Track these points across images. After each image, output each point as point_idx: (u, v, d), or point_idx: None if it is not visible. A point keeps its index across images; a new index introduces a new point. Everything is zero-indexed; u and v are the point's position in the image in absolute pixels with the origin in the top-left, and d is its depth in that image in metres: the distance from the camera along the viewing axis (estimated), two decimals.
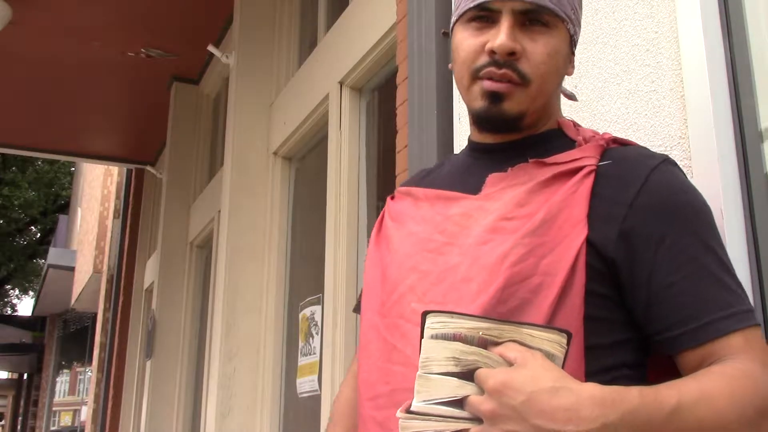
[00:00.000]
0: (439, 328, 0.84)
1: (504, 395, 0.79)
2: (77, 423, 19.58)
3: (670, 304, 0.91)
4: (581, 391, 0.80)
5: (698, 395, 0.83)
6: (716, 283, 0.91)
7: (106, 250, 9.11)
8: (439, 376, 0.82)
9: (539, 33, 1.01)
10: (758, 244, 1.18)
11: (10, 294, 23.70)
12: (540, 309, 0.90)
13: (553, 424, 0.78)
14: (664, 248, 0.91)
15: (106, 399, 7.63)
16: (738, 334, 0.88)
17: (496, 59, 1.00)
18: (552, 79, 1.04)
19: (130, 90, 6.42)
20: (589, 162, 0.97)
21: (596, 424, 0.78)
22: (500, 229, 0.96)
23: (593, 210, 0.93)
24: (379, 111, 3.46)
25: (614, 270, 0.93)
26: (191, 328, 5.90)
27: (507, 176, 1.01)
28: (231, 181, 4.29)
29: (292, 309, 3.98)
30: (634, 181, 0.95)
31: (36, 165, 19.15)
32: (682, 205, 0.94)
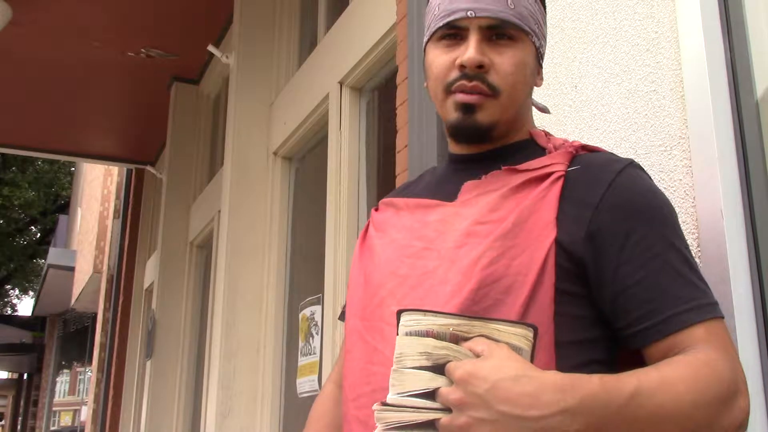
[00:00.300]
0: (412, 326, 0.88)
1: (470, 384, 0.84)
2: (77, 423, 19.58)
3: (635, 300, 0.95)
4: (542, 378, 0.84)
5: (658, 381, 0.87)
6: (679, 279, 0.95)
7: (106, 250, 9.12)
8: (412, 370, 0.87)
9: (505, 46, 1.08)
10: (758, 244, 1.18)
11: (10, 294, 23.71)
12: (512, 308, 0.94)
13: (517, 410, 0.82)
14: (629, 246, 0.96)
15: (106, 399, 7.63)
16: (700, 326, 0.93)
17: (466, 72, 1.06)
18: (520, 89, 1.10)
19: (130, 90, 6.42)
20: (559, 168, 1.03)
21: (556, 408, 0.82)
22: (474, 233, 1.01)
23: (562, 212, 0.98)
24: (379, 111, 3.46)
25: (583, 269, 0.97)
26: (191, 328, 5.90)
27: (481, 183, 1.07)
28: (231, 181, 4.29)
29: (292, 309, 3.98)
30: (600, 183, 1.00)
31: (36, 165, 19.15)
32: (647, 206, 0.99)
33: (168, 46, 5.57)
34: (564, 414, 0.82)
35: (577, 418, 0.83)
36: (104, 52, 5.56)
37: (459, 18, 1.07)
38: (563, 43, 1.68)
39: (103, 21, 5.13)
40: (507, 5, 1.07)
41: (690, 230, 1.27)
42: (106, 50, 5.54)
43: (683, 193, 1.30)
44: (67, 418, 22.28)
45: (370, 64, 3.29)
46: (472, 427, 0.83)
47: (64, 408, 22.19)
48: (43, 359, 18.15)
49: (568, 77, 1.64)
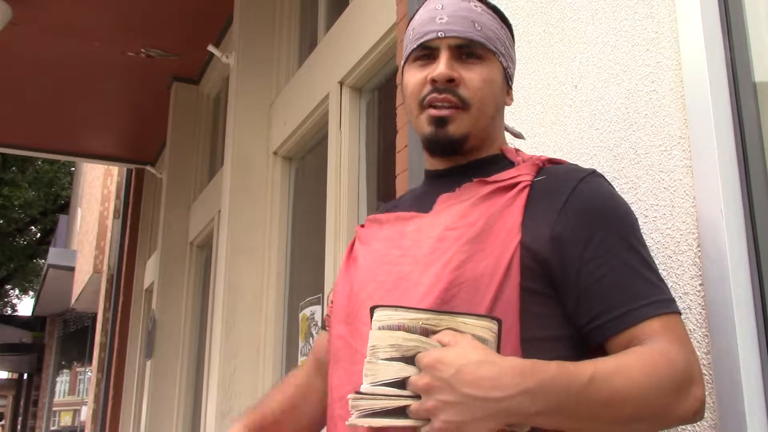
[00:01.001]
0: (384, 320, 0.95)
1: (436, 369, 0.90)
2: (77, 423, 19.58)
3: (595, 297, 1.02)
4: (503, 363, 0.90)
5: (614, 368, 0.93)
6: (638, 277, 1.02)
7: (106, 250, 9.12)
8: (384, 361, 0.93)
9: (474, 64, 1.17)
10: (758, 244, 1.18)
11: (10, 294, 23.71)
12: (480, 306, 1.01)
13: (480, 392, 0.88)
14: (591, 247, 1.03)
15: (106, 399, 7.63)
16: (655, 320, 0.99)
17: (437, 86, 1.15)
18: (489, 103, 1.18)
19: (130, 90, 6.42)
20: (525, 178, 1.10)
21: (517, 389, 0.88)
22: (445, 238, 1.09)
23: (527, 218, 1.05)
24: (379, 111, 3.46)
25: (548, 269, 1.03)
26: (191, 328, 5.90)
27: (454, 195, 1.15)
28: (231, 181, 4.29)
29: (292, 309, 3.98)
30: (563, 190, 1.07)
31: (36, 165, 19.15)
32: (607, 210, 1.07)
33: (168, 46, 5.58)
34: (524, 395, 0.88)
35: (536, 399, 0.89)
36: (104, 52, 5.56)
37: (430, 39, 1.17)
38: (563, 43, 1.68)
39: (103, 21, 5.14)
40: (474, 28, 1.17)
41: (690, 230, 1.27)
42: (106, 50, 5.54)
43: (683, 193, 1.30)
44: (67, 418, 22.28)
45: (370, 64, 3.29)
46: (439, 409, 0.89)
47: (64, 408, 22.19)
48: (43, 359, 18.16)
49: (568, 77, 1.64)
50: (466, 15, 1.18)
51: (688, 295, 1.26)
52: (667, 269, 1.30)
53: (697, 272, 1.24)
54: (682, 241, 1.28)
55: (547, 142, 1.68)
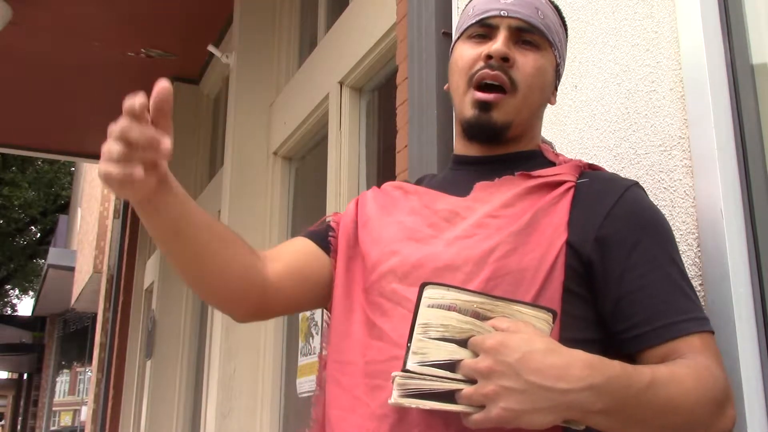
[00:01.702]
0: (437, 298, 0.89)
1: (500, 353, 0.85)
2: (77, 423, 19.59)
3: (637, 304, 1.00)
4: (572, 354, 0.87)
5: (669, 376, 0.91)
6: (679, 292, 1.01)
7: (106, 250, 9.12)
8: (436, 341, 0.88)
9: (530, 51, 1.14)
10: (758, 244, 1.18)
11: (10, 294, 23.70)
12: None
13: (546, 381, 0.84)
14: (636, 253, 1.02)
15: (106, 399, 7.63)
16: (696, 336, 0.98)
17: (491, 63, 1.11)
18: (537, 93, 1.15)
19: (130, 90, 6.32)
20: (570, 178, 1.09)
21: (584, 383, 0.85)
22: (485, 225, 1.05)
23: (573, 218, 1.04)
24: (379, 111, 3.46)
25: (590, 270, 1.02)
26: (191, 328, 5.90)
27: (494, 184, 1.11)
28: (231, 181, 4.29)
29: None
30: (610, 195, 1.06)
31: (36, 165, 19.14)
32: (652, 221, 1.06)
33: (168, 46, 5.57)
34: (591, 390, 0.85)
35: (602, 396, 0.85)
36: (104, 52, 5.56)
37: (492, 16, 1.14)
38: None
39: (103, 21, 5.13)
40: (537, 15, 1.15)
41: (690, 230, 1.27)
42: (106, 50, 5.53)
43: (683, 193, 1.30)
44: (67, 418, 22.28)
45: (370, 64, 3.29)
46: (499, 395, 0.84)
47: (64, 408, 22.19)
48: (43, 359, 18.15)
49: (568, 77, 1.64)
50: (531, 1, 1.16)
51: None
52: None
53: (697, 272, 1.24)
54: (682, 241, 1.28)
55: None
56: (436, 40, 2.19)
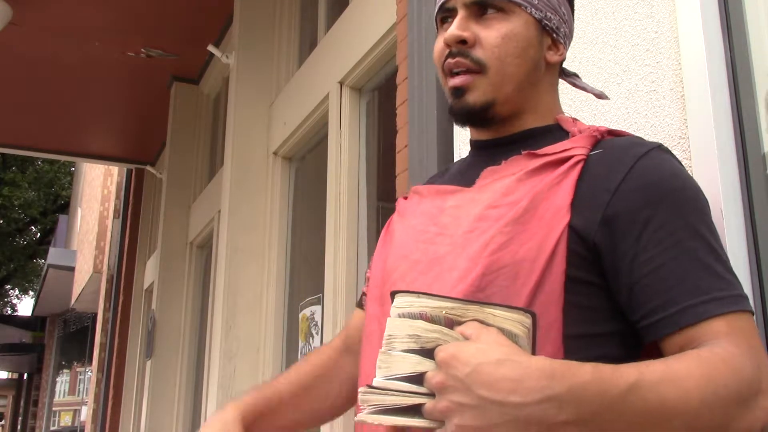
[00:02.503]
0: (405, 307, 0.85)
1: (451, 367, 0.80)
2: (77, 423, 19.58)
3: (651, 289, 0.89)
4: (528, 364, 0.79)
5: (662, 375, 0.81)
6: (701, 268, 0.88)
7: (106, 250, 9.12)
8: (401, 353, 0.83)
9: (494, 19, 1.04)
10: (758, 244, 1.18)
11: (10, 294, 23.70)
12: (519, 296, 0.90)
13: (497, 395, 0.77)
14: (648, 232, 0.90)
15: (106, 399, 7.63)
16: (720, 319, 0.86)
17: (451, 50, 1.04)
18: (512, 63, 1.03)
19: (130, 90, 6.42)
20: (580, 151, 0.97)
21: (541, 395, 0.77)
22: (485, 217, 0.97)
23: (578, 197, 0.93)
24: (379, 111, 3.46)
25: (597, 255, 0.92)
26: (191, 328, 5.90)
27: (500, 168, 1.03)
28: (231, 181, 4.29)
29: (292, 309, 3.98)
30: (620, 167, 0.94)
31: (36, 165, 19.15)
32: (671, 190, 0.93)
33: (168, 46, 5.57)
34: (550, 402, 0.77)
35: (564, 407, 0.77)
36: (104, 52, 5.56)
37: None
38: None
39: (103, 21, 5.13)
40: None
41: None
42: (106, 50, 5.53)
43: None
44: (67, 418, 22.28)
45: (370, 64, 3.29)
46: (452, 411, 0.79)
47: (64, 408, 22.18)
48: (43, 359, 18.15)
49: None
50: None
51: None
52: None
53: None
54: None
55: None
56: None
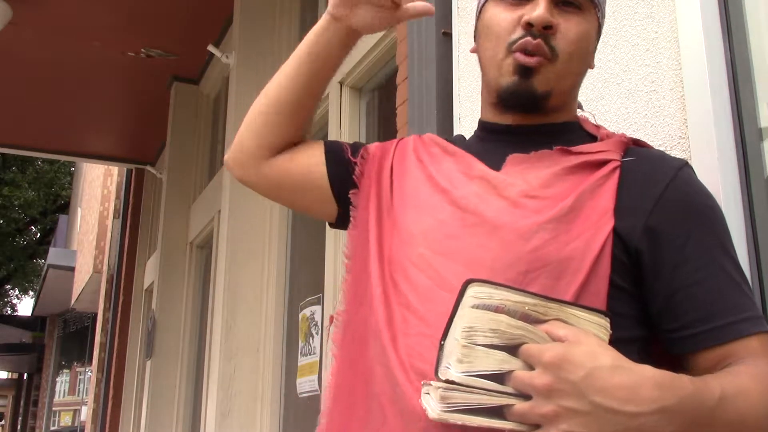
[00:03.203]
0: (484, 298, 0.80)
1: (563, 369, 0.77)
2: (77, 423, 19.58)
3: (691, 301, 0.91)
4: (641, 372, 0.78)
5: (736, 389, 0.83)
6: (735, 287, 0.92)
7: (106, 250, 9.12)
8: (483, 347, 0.78)
9: (573, 14, 1.03)
10: (758, 244, 1.18)
11: (10, 294, 23.70)
12: (563, 295, 0.88)
13: (613, 402, 0.76)
14: (690, 245, 0.92)
15: (106, 399, 7.63)
16: (755, 338, 0.89)
17: (532, 31, 1.01)
18: (579, 61, 1.05)
19: (130, 90, 6.42)
20: (615, 156, 0.98)
21: (655, 405, 0.76)
22: (522, 205, 0.96)
23: (620, 202, 0.94)
24: (379, 111, 3.46)
25: (637, 262, 0.93)
26: (191, 328, 5.90)
27: (529, 158, 1.01)
28: (231, 181, 4.29)
29: (292, 309, 3.98)
30: (661, 177, 0.96)
31: (36, 165, 19.15)
32: (706, 208, 0.96)
33: (168, 46, 5.57)
34: (662, 413, 0.76)
35: (674, 418, 0.77)
36: (104, 52, 5.56)
37: None
38: None
39: (102, 21, 5.13)
40: None
41: None
42: (106, 50, 5.53)
43: None
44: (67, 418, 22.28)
45: (370, 64, 3.29)
46: (560, 416, 0.76)
47: (64, 408, 22.18)
48: (43, 359, 18.15)
49: None
50: None
51: None
52: None
53: None
54: None
55: None
56: (436, 40, 2.19)
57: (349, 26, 1.13)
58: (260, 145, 1.23)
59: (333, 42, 1.17)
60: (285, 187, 1.23)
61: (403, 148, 1.15)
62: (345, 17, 1.12)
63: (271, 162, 1.22)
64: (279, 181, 1.22)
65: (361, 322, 1.02)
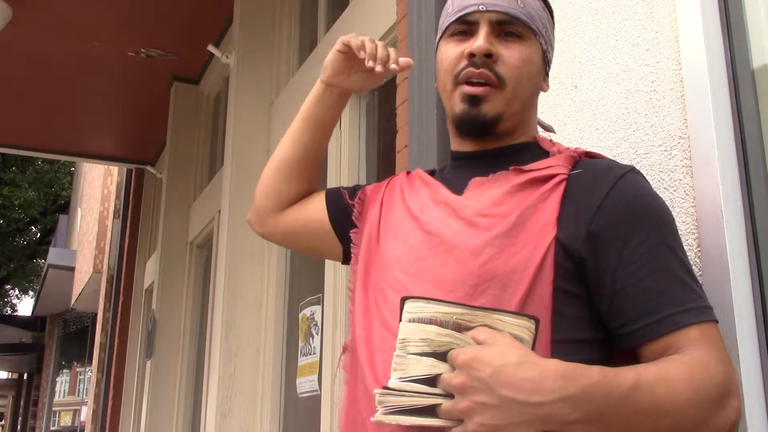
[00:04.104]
0: (416, 313, 0.90)
1: (473, 368, 0.85)
2: (77, 423, 19.59)
3: (632, 299, 0.97)
4: (545, 365, 0.86)
5: (656, 377, 0.89)
6: (676, 281, 0.98)
7: (106, 250, 9.12)
8: (415, 356, 0.88)
9: (513, 42, 1.13)
10: (758, 244, 1.18)
11: (10, 294, 23.70)
12: (510, 304, 0.96)
13: (519, 395, 0.84)
14: (629, 247, 0.99)
15: (106, 399, 7.63)
16: (695, 328, 0.95)
17: (475, 61, 1.11)
18: (525, 85, 1.13)
19: (130, 90, 6.42)
20: (562, 170, 1.06)
21: (558, 395, 0.84)
22: (475, 224, 1.04)
23: (563, 213, 1.01)
24: (379, 111, 3.46)
25: (583, 268, 1.00)
26: (191, 328, 5.90)
27: (488, 180, 1.10)
28: (231, 181, 4.29)
29: (292, 309, 3.98)
30: (602, 187, 1.03)
31: (36, 165, 19.15)
32: (646, 209, 1.02)
33: (168, 46, 5.57)
34: (565, 401, 0.84)
35: (578, 406, 0.84)
36: (104, 52, 5.56)
37: (470, 12, 1.13)
38: (563, 43, 1.68)
39: (103, 21, 5.14)
40: (517, 4, 1.13)
41: (690, 230, 1.27)
42: (106, 50, 5.54)
43: (683, 193, 1.30)
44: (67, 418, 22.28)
45: None
46: (474, 411, 0.84)
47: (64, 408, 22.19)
48: (43, 359, 18.15)
49: (568, 77, 1.64)
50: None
51: None
52: None
53: (697, 272, 1.24)
54: (682, 241, 1.28)
55: None
56: (436, 40, 2.18)
57: (342, 89, 1.37)
58: (273, 203, 1.41)
59: (328, 105, 1.40)
60: (296, 234, 1.40)
61: (393, 185, 1.26)
62: (338, 84, 1.36)
63: (284, 214, 1.39)
64: (290, 229, 1.39)
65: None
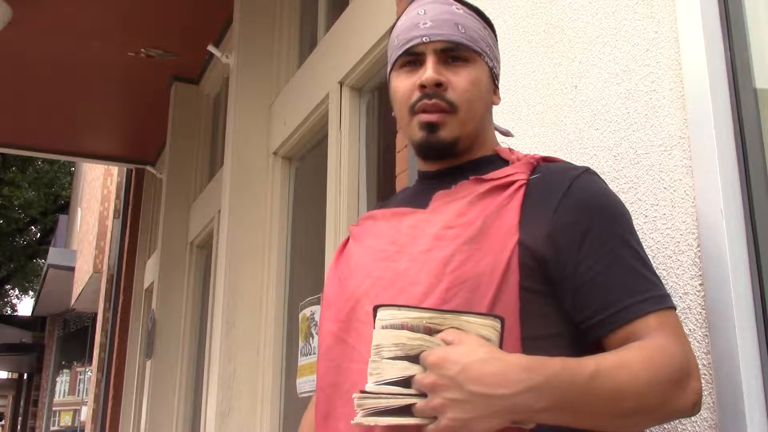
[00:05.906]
0: (388, 319, 0.95)
1: (442, 367, 0.90)
2: (77, 423, 19.58)
3: (591, 293, 1.03)
4: (509, 360, 0.92)
5: (615, 363, 0.95)
6: (632, 273, 1.03)
7: (106, 250, 9.12)
8: (389, 360, 0.93)
9: (461, 67, 1.19)
10: (758, 244, 1.18)
11: (10, 294, 23.71)
12: (480, 306, 1.01)
13: (486, 389, 0.89)
14: (586, 244, 1.04)
15: (106, 399, 7.63)
16: (652, 316, 1.01)
17: (426, 92, 1.16)
18: (477, 105, 1.19)
19: (130, 90, 6.42)
20: (521, 177, 1.11)
21: (522, 386, 0.89)
22: (442, 237, 1.10)
23: (524, 217, 1.07)
24: (379, 111, 3.46)
25: (546, 267, 1.05)
26: (191, 328, 5.90)
27: (451, 192, 1.16)
28: (231, 181, 4.29)
29: (292, 309, 3.98)
30: (558, 188, 1.08)
31: (36, 165, 19.15)
32: (601, 207, 1.08)
33: (168, 46, 5.57)
34: (530, 392, 0.89)
35: (542, 395, 0.90)
36: (104, 52, 5.56)
37: (416, 44, 1.18)
38: (563, 43, 1.68)
39: (103, 21, 5.13)
40: (458, 30, 1.18)
41: (690, 230, 1.27)
42: (106, 50, 5.53)
43: (683, 193, 1.30)
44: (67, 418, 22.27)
45: (370, 64, 3.29)
46: (445, 407, 0.89)
47: (64, 408, 22.18)
48: (43, 359, 18.15)
49: (568, 77, 1.64)
50: (449, 18, 1.19)
51: (688, 295, 1.26)
52: (667, 269, 1.30)
53: (697, 272, 1.24)
54: (682, 241, 1.28)
55: (547, 142, 1.68)
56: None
57: None
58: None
59: None
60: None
61: (346, 241, 1.32)
62: None
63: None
64: None
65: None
